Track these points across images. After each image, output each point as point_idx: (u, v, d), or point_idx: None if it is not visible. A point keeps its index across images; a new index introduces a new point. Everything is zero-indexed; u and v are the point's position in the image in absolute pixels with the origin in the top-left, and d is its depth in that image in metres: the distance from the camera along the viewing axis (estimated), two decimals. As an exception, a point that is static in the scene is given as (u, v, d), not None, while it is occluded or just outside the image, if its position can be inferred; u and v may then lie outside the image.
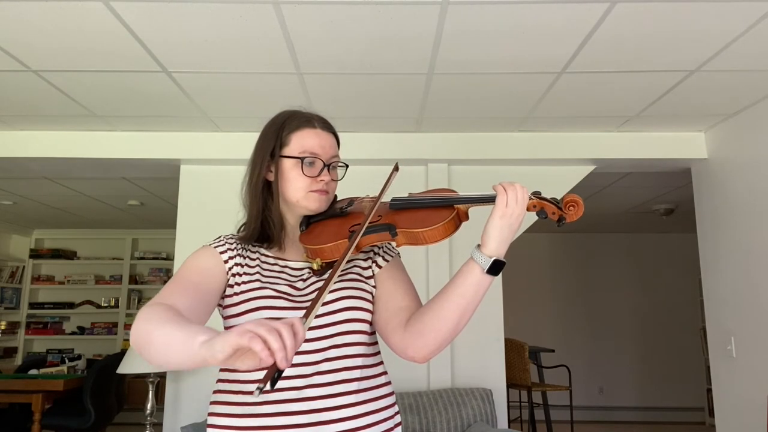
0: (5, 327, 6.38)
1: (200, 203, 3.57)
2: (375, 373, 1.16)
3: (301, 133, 1.20)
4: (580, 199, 1.06)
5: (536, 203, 1.08)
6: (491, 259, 1.04)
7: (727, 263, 3.23)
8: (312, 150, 1.19)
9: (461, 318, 1.07)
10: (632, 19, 2.16)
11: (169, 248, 6.75)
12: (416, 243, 1.10)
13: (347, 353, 1.11)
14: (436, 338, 1.09)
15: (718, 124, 3.32)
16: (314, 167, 1.19)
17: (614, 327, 7.00)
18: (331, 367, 1.09)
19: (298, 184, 1.18)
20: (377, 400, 1.14)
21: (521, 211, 1.05)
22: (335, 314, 1.12)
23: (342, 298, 1.14)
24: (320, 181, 1.18)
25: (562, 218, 1.07)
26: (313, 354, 1.08)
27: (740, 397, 3.10)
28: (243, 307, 1.12)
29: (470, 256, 1.07)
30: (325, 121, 1.25)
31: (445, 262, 3.47)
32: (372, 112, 3.16)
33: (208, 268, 1.14)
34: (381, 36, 2.30)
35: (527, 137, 3.50)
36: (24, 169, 3.93)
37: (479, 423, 3.11)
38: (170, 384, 3.40)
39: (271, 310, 1.10)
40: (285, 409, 1.05)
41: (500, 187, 1.06)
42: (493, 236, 1.05)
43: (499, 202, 1.05)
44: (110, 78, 2.69)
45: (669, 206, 5.37)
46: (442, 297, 1.09)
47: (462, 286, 1.06)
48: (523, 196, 1.05)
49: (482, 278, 1.05)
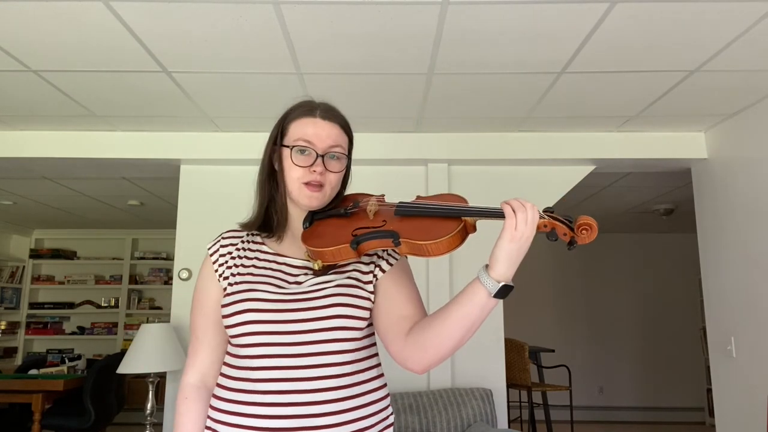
0: (5, 327, 6.37)
1: (200, 203, 3.57)
2: (366, 378, 1.13)
3: (299, 121, 1.20)
4: (594, 223, 0.99)
5: (547, 223, 1.01)
6: (500, 284, 1.00)
7: (727, 263, 3.23)
8: (305, 138, 1.17)
9: (464, 336, 1.05)
10: (632, 19, 2.15)
11: (169, 248, 6.74)
12: (419, 254, 1.06)
13: (336, 360, 1.09)
14: (437, 353, 1.07)
15: (718, 124, 3.32)
16: (307, 156, 1.16)
17: (614, 327, 7.00)
18: (320, 374, 1.07)
19: (292, 174, 1.17)
20: (367, 406, 1.11)
21: (531, 233, 1.00)
22: (325, 320, 1.10)
23: (334, 305, 1.11)
24: (312, 171, 1.15)
25: (573, 241, 1.00)
26: (304, 358, 1.08)
27: (740, 397, 3.10)
28: (232, 308, 1.13)
29: (477, 277, 1.03)
30: (329, 111, 1.22)
31: (445, 269, 3.47)
32: (372, 112, 3.16)
33: (209, 294, 1.22)
34: (381, 36, 2.29)
35: (527, 137, 3.50)
36: (24, 169, 3.94)
37: (479, 423, 3.11)
38: (170, 384, 3.40)
39: (256, 312, 1.11)
40: (273, 412, 1.05)
41: (509, 208, 1.00)
42: (501, 260, 1.00)
43: (508, 224, 0.99)
44: (110, 78, 2.69)
45: (669, 206, 5.37)
46: (445, 314, 1.05)
47: (467, 306, 1.03)
48: (533, 217, 0.99)
49: (488, 301, 1.02)
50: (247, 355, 1.11)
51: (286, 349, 1.08)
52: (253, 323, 1.10)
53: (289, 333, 1.09)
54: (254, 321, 1.10)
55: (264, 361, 1.08)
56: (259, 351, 1.09)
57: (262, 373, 1.08)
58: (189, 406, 1.18)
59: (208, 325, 1.21)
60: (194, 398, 1.19)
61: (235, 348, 1.14)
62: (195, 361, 1.22)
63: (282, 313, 1.10)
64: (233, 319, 1.11)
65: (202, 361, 1.21)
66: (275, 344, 1.08)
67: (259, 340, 1.09)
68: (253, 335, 1.10)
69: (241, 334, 1.10)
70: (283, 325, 1.09)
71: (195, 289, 1.25)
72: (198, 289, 1.24)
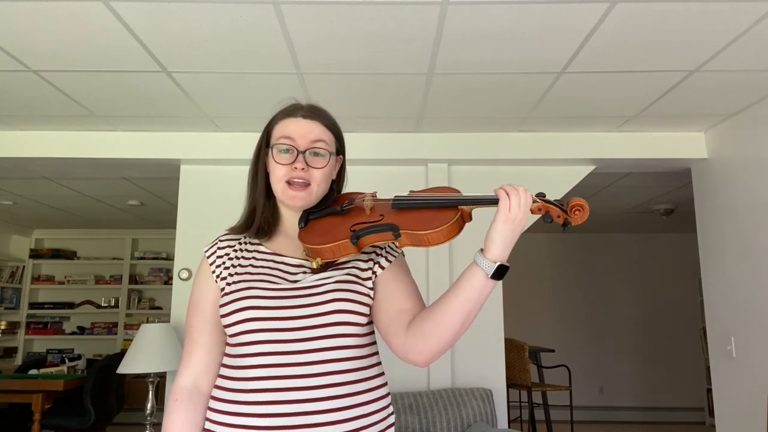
0: (5, 327, 6.38)
1: (200, 203, 3.57)
2: (368, 376, 1.14)
3: (283, 122, 1.22)
4: (585, 203, 1.05)
5: (541, 206, 1.06)
6: (495, 264, 1.03)
7: (727, 263, 3.23)
8: (285, 135, 1.19)
9: (464, 322, 1.07)
10: (632, 19, 2.15)
11: (169, 248, 6.74)
12: (419, 245, 1.08)
13: (338, 356, 1.09)
14: (438, 343, 1.08)
15: (718, 124, 3.32)
16: (289, 155, 1.18)
17: (614, 327, 7.00)
18: (321, 370, 1.07)
19: (276, 173, 1.19)
20: (370, 404, 1.12)
21: (524, 215, 1.04)
22: (325, 316, 1.10)
23: (333, 300, 1.12)
24: (294, 168, 1.17)
25: (567, 222, 1.05)
26: (303, 354, 1.08)
27: (740, 397, 3.10)
28: (231, 307, 1.13)
29: (473, 261, 1.06)
30: (313, 110, 1.24)
31: (445, 264, 3.47)
32: (372, 112, 3.16)
33: (207, 295, 1.21)
34: (381, 36, 2.29)
35: (527, 137, 3.50)
36: (24, 169, 3.94)
37: (479, 423, 3.11)
38: (170, 384, 3.40)
39: (255, 310, 1.11)
40: (274, 410, 1.05)
41: (503, 192, 1.05)
42: (496, 241, 1.03)
43: (502, 206, 1.03)
44: (110, 78, 2.69)
45: (669, 206, 5.37)
46: (444, 301, 1.08)
47: (465, 291, 1.05)
48: (526, 200, 1.04)
49: (486, 283, 1.04)
50: (245, 354, 1.11)
51: (285, 346, 1.08)
52: (253, 320, 1.10)
53: (288, 330, 1.09)
54: (254, 318, 1.10)
55: (262, 359, 1.09)
56: (258, 349, 1.09)
57: (260, 371, 1.08)
58: (178, 407, 1.16)
59: (204, 326, 1.20)
60: (185, 401, 1.16)
61: (233, 348, 1.14)
62: (189, 363, 1.20)
63: (281, 310, 1.10)
64: (232, 317, 1.11)
65: (196, 362, 1.19)
66: (274, 341, 1.09)
67: (258, 338, 1.09)
68: (253, 333, 1.10)
69: (241, 332, 1.10)
70: (282, 322, 1.09)
71: (192, 292, 1.25)
72: (195, 290, 1.24)
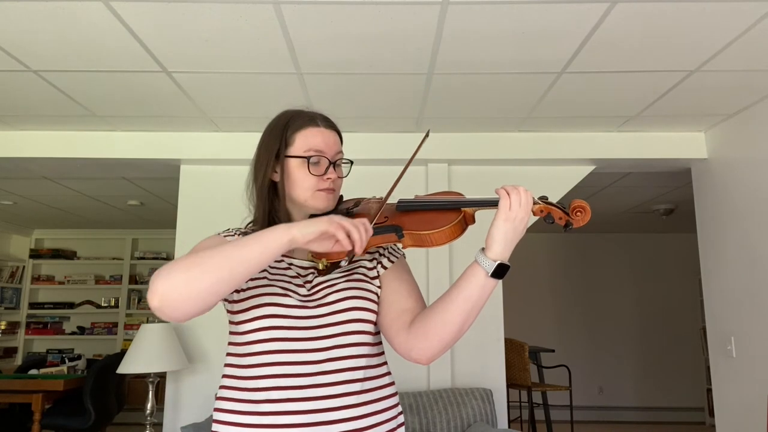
0: (5, 327, 6.38)
1: (200, 203, 3.57)
2: (379, 374, 1.16)
3: (306, 132, 1.20)
4: (587, 205, 1.07)
5: (543, 208, 1.09)
6: (495, 263, 1.04)
7: (727, 263, 3.23)
8: (317, 148, 1.18)
9: (465, 321, 1.08)
10: (632, 19, 2.15)
11: (169, 248, 6.75)
12: (422, 245, 1.11)
13: (351, 353, 1.11)
14: (440, 341, 1.09)
15: (718, 124, 3.32)
16: (320, 166, 1.18)
17: (614, 327, 7.00)
18: (335, 367, 1.08)
19: (305, 183, 1.18)
20: (381, 401, 1.13)
21: (525, 215, 1.05)
22: (340, 314, 1.12)
23: (347, 298, 1.13)
24: (327, 179, 1.18)
25: (569, 223, 1.08)
26: (316, 353, 1.08)
27: (740, 397, 3.10)
28: (250, 302, 1.11)
29: (474, 259, 1.07)
30: (328, 119, 1.25)
31: (445, 264, 3.47)
32: (372, 112, 3.16)
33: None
34: (381, 36, 2.29)
35: (527, 137, 3.50)
36: (24, 169, 3.94)
37: (479, 423, 3.11)
38: (170, 384, 3.40)
39: (277, 307, 1.10)
40: (288, 408, 1.05)
41: (503, 191, 1.06)
42: (497, 239, 1.05)
43: (503, 205, 1.05)
44: (110, 78, 2.69)
45: (669, 206, 5.37)
46: (446, 300, 1.09)
47: (466, 290, 1.07)
48: (527, 200, 1.05)
49: (486, 282, 1.06)
50: (258, 351, 1.09)
51: (302, 356, 1.08)
52: (272, 329, 1.09)
53: (306, 339, 1.09)
54: (274, 327, 1.09)
55: (277, 357, 1.08)
56: (273, 346, 1.08)
57: (275, 369, 1.07)
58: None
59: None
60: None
61: (243, 346, 1.11)
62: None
63: (300, 320, 1.10)
64: (252, 324, 1.10)
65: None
66: (292, 351, 1.08)
67: (276, 347, 1.09)
68: (270, 341, 1.09)
69: (258, 340, 1.09)
70: (301, 332, 1.09)
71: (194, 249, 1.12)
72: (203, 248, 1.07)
